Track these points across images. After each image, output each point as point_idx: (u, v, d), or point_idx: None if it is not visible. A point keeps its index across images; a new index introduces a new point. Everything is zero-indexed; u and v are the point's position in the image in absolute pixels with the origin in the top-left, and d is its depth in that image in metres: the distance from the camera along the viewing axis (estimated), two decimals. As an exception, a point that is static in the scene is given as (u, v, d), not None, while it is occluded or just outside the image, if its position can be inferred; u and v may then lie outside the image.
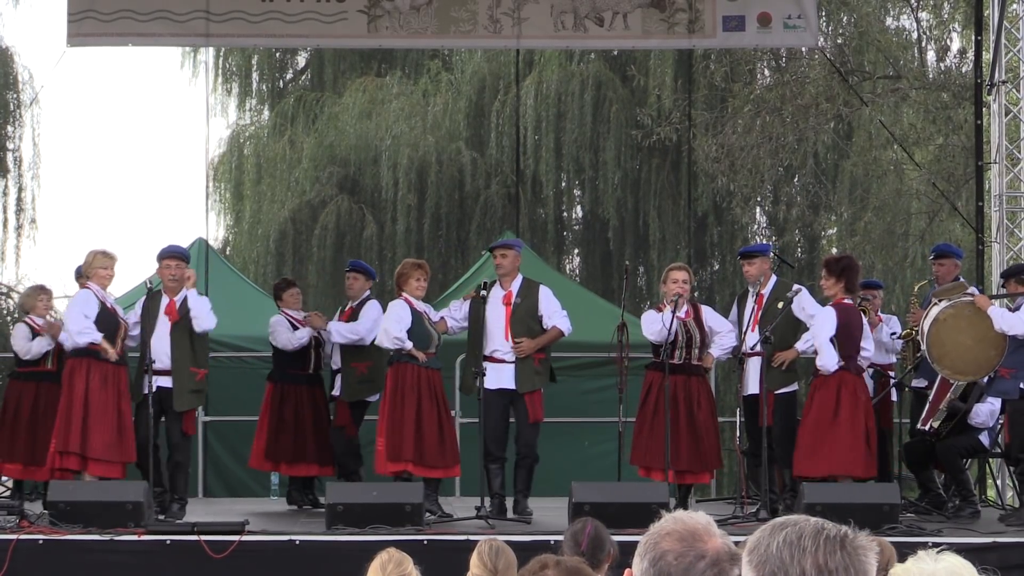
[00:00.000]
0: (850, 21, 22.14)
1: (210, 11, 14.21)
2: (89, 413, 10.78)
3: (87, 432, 10.76)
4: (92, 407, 10.79)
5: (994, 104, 14.37)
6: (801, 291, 11.48)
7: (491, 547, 5.82)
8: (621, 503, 10.04)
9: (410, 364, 11.22)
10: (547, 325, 11.36)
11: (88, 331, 10.87)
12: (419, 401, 11.14)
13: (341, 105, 23.42)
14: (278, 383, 12.29)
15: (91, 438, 10.75)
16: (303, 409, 12.21)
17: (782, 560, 2.70)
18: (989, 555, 9.53)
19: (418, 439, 11.07)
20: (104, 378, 10.87)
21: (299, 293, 12.69)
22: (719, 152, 20.71)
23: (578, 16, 14.52)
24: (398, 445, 11.06)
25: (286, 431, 12.20)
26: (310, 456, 12.24)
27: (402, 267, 11.74)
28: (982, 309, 10.91)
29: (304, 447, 12.21)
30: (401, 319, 11.26)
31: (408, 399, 11.13)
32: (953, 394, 11.65)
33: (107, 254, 11.20)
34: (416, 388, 11.16)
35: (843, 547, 2.70)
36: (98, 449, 10.76)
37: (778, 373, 11.37)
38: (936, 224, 21.10)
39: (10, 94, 22.31)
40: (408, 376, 11.19)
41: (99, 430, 10.76)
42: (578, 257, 24.83)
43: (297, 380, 12.24)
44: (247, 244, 23.67)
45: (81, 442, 10.75)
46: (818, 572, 2.67)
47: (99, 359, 10.88)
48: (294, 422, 12.20)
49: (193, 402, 11.32)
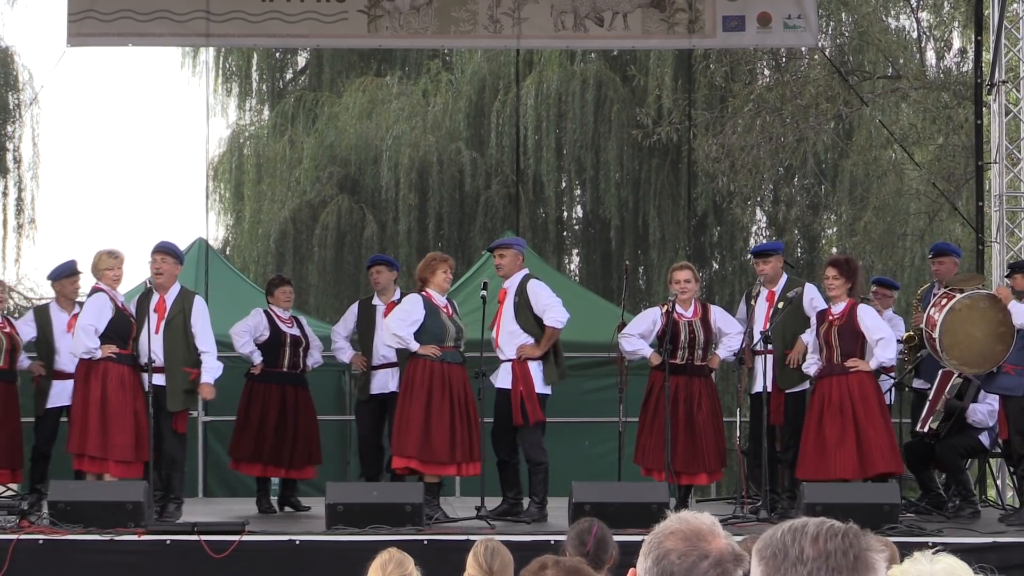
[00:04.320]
0: (850, 21, 22.15)
1: (210, 11, 14.21)
2: (108, 415, 10.73)
3: (107, 434, 10.71)
4: (110, 409, 10.75)
5: (994, 104, 14.37)
6: (807, 287, 11.49)
7: (487, 547, 5.81)
8: (621, 503, 10.03)
9: (423, 359, 11.05)
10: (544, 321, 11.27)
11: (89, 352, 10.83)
12: (429, 396, 10.92)
13: (341, 105, 23.42)
14: (249, 380, 12.17)
15: (113, 440, 10.71)
16: (268, 408, 12.07)
17: (784, 544, 2.74)
18: (989, 555, 9.53)
19: (424, 435, 10.86)
20: (121, 380, 10.84)
21: (291, 292, 12.46)
22: (719, 152, 20.72)
23: (578, 16, 14.52)
24: (403, 441, 10.94)
25: (248, 429, 12.08)
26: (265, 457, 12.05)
27: (428, 259, 11.48)
28: (1002, 301, 10.89)
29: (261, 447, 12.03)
30: (409, 314, 11.07)
31: (417, 395, 10.93)
32: (949, 393, 11.65)
33: (112, 253, 11.12)
34: (427, 383, 10.95)
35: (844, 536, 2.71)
36: (119, 450, 10.72)
37: (789, 371, 11.38)
38: (936, 224, 21.11)
39: (10, 94, 22.33)
40: (419, 371, 11.00)
41: (118, 431, 10.71)
42: (578, 257, 24.83)
43: (267, 378, 12.11)
44: (247, 244, 23.67)
45: (101, 444, 10.71)
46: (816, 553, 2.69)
47: (113, 361, 10.84)
48: (257, 420, 12.05)
49: (187, 402, 11.22)
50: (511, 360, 11.17)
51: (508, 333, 11.24)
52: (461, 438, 10.99)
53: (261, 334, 12.12)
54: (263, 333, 12.12)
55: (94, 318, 10.90)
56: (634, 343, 11.35)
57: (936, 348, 10.94)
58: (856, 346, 10.96)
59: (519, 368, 11.13)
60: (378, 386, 12.10)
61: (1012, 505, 12.14)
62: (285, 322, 12.27)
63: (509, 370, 11.17)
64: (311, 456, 12.27)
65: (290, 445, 12.10)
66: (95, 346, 10.80)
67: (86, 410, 10.77)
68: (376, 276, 12.32)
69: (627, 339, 11.36)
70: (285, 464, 12.15)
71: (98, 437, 10.72)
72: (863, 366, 10.90)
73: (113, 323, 10.91)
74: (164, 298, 11.16)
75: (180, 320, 11.10)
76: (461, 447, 10.98)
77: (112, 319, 10.90)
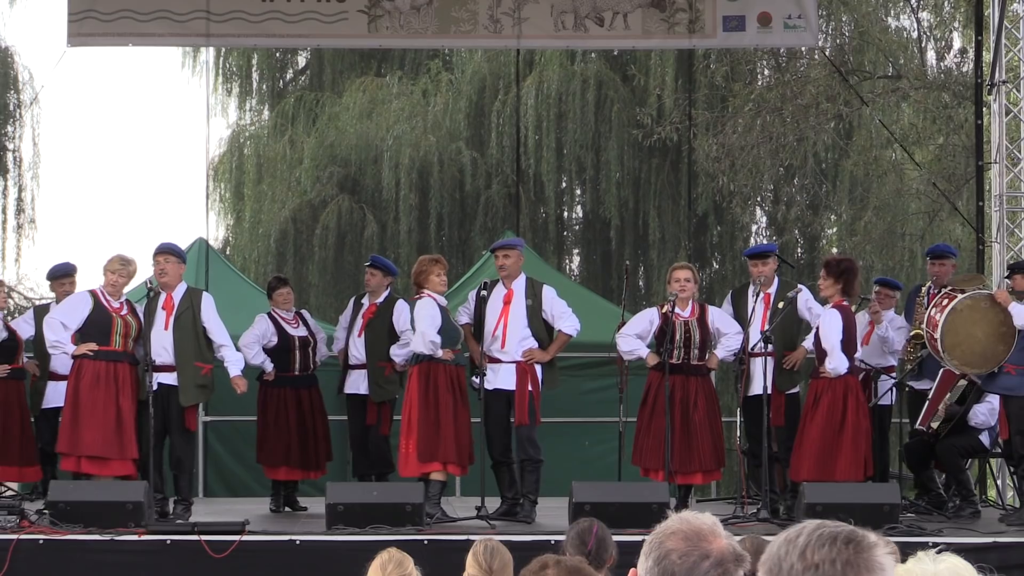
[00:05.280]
0: (850, 21, 22.16)
1: (210, 11, 14.21)
2: (78, 411, 10.69)
3: (77, 430, 10.66)
4: (81, 405, 10.71)
5: (994, 104, 14.37)
6: (802, 290, 11.49)
7: (486, 547, 5.81)
8: (621, 503, 10.03)
9: (438, 363, 11.05)
10: (555, 327, 11.32)
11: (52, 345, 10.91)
12: (453, 402, 10.99)
13: (341, 105, 23.42)
14: (263, 385, 12.21)
15: (83, 436, 10.66)
16: (286, 412, 12.09)
17: (778, 557, 2.74)
18: (989, 555, 9.53)
19: (456, 440, 10.96)
20: (96, 376, 10.80)
21: (290, 293, 12.49)
22: (719, 152, 20.72)
23: (578, 16, 14.52)
24: (433, 447, 10.92)
25: (267, 433, 12.12)
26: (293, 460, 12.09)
27: (420, 264, 11.49)
28: (1002, 304, 10.88)
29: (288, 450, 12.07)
30: (434, 320, 11.06)
31: (444, 400, 10.96)
32: (951, 398, 11.65)
33: (124, 260, 11.09)
34: (450, 388, 11.01)
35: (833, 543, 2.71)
36: (90, 446, 10.67)
37: (787, 373, 11.38)
38: (936, 224, 21.11)
39: (10, 94, 22.33)
40: (440, 376, 11.01)
41: (89, 427, 10.65)
42: (578, 257, 24.84)
43: (281, 383, 12.15)
44: (247, 244, 23.66)
45: (71, 440, 10.69)
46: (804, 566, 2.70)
47: (92, 358, 10.82)
48: (275, 425, 12.09)
49: (199, 396, 11.19)
50: (516, 361, 11.19)
51: (518, 336, 11.22)
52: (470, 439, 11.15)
53: (269, 340, 12.15)
54: (271, 339, 12.15)
55: (64, 314, 10.94)
56: (630, 343, 11.35)
57: (937, 349, 10.94)
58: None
59: (528, 370, 11.16)
60: (351, 386, 12.14)
61: (1012, 505, 12.14)
62: (290, 323, 12.28)
63: (513, 371, 11.19)
64: (327, 455, 12.35)
65: (314, 447, 12.18)
66: (56, 339, 10.82)
67: (64, 408, 10.87)
68: (368, 277, 12.36)
69: (624, 339, 11.37)
70: (313, 466, 12.22)
71: (68, 432, 10.70)
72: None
73: (91, 320, 10.88)
74: (171, 295, 11.17)
75: (189, 316, 11.10)
76: (469, 447, 11.13)
77: (89, 316, 10.88)
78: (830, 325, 10.97)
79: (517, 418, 11.10)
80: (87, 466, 10.72)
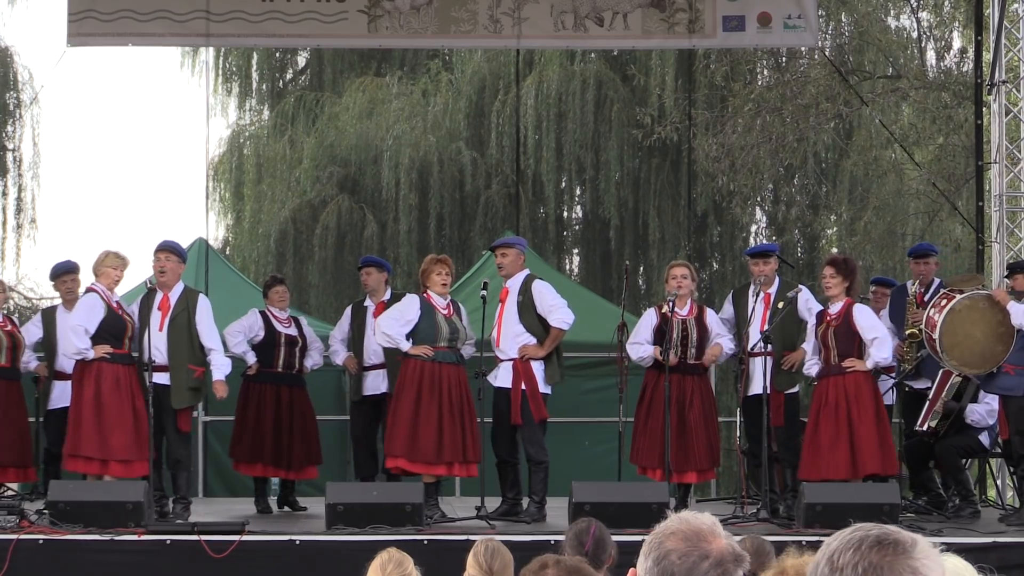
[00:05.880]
0: (850, 21, 22.17)
1: (210, 11, 14.21)
2: (103, 416, 10.68)
3: (104, 435, 10.65)
4: (105, 409, 10.72)
5: (994, 104, 14.37)
6: (803, 290, 11.49)
7: (487, 547, 5.81)
8: (621, 503, 10.03)
9: (415, 359, 11.04)
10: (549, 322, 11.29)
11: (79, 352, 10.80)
12: (418, 395, 10.92)
13: (341, 105, 23.43)
14: (245, 380, 12.16)
15: (110, 439, 10.66)
16: (264, 408, 12.08)
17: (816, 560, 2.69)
18: (989, 555, 9.52)
19: (412, 435, 10.86)
20: (116, 379, 10.80)
21: (286, 292, 12.48)
22: (719, 152, 20.73)
23: (578, 16, 14.52)
24: (393, 441, 10.93)
25: (243, 428, 12.10)
26: (266, 457, 12.05)
27: (424, 263, 11.52)
28: (1000, 303, 10.88)
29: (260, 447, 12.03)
30: (402, 314, 11.11)
31: (407, 394, 10.95)
32: (947, 395, 11.65)
33: (120, 255, 11.11)
34: (416, 383, 10.96)
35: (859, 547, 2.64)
36: (118, 450, 10.68)
37: (786, 373, 11.38)
38: (936, 224, 21.12)
39: (10, 94, 22.34)
40: (409, 371, 11.03)
41: (117, 432, 10.66)
42: (578, 257, 24.84)
43: (263, 378, 12.10)
44: (247, 244, 23.67)
45: (99, 444, 10.67)
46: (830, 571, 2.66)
47: (107, 361, 10.82)
48: (252, 420, 12.05)
49: (191, 399, 11.22)
50: (513, 359, 11.17)
51: (511, 333, 11.23)
52: (451, 438, 10.93)
53: (256, 334, 12.12)
54: (257, 333, 12.12)
55: (84, 319, 10.87)
56: (640, 350, 11.37)
57: (936, 349, 10.93)
58: (853, 346, 10.95)
59: (521, 367, 11.14)
60: (370, 387, 12.13)
61: (1012, 505, 12.13)
62: (282, 322, 12.26)
63: (510, 369, 11.17)
64: (311, 456, 12.25)
65: (288, 446, 12.09)
66: (85, 347, 10.77)
67: (80, 411, 10.74)
68: (365, 278, 12.37)
69: (634, 347, 11.39)
70: (285, 465, 12.14)
71: (94, 438, 10.67)
72: (859, 366, 10.89)
73: (106, 323, 10.87)
74: (168, 296, 11.14)
75: (184, 317, 11.09)
76: (451, 447, 10.93)
77: (104, 319, 10.86)
78: (868, 316, 11.01)
79: (512, 417, 11.09)
80: (116, 469, 10.72)
